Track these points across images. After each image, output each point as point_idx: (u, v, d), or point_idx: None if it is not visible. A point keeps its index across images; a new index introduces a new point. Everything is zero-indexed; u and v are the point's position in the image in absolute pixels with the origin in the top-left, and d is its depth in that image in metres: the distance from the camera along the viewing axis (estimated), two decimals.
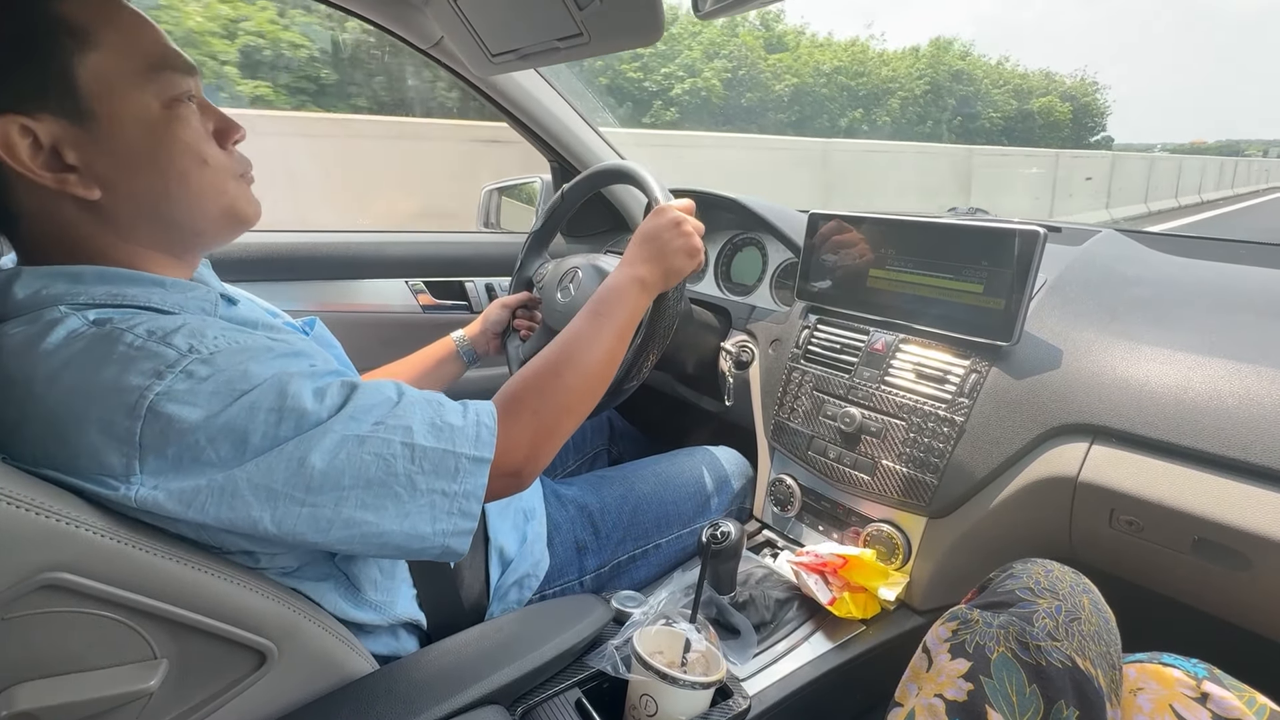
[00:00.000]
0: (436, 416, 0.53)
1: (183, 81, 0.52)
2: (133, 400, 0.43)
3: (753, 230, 1.21)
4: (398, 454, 0.50)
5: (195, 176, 0.53)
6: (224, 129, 0.56)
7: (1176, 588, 0.71)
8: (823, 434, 0.90)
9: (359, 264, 1.28)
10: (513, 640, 0.61)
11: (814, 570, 0.80)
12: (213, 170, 0.54)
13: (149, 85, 0.50)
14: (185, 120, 0.52)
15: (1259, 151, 38.98)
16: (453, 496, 0.53)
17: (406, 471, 0.50)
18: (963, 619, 0.51)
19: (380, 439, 0.50)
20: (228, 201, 0.56)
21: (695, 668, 0.61)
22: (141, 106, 0.50)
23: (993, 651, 0.47)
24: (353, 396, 0.51)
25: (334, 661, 0.55)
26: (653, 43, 0.73)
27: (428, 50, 1.14)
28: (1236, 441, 0.60)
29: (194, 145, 0.53)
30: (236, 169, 0.57)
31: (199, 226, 0.56)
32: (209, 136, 0.55)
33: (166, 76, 0.51)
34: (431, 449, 0.51)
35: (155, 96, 0.50)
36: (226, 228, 0.58)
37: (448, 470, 0.52)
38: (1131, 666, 0.52)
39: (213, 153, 0.54)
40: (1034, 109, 27.94)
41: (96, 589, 0.42)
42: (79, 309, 0.47)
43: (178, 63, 0.52)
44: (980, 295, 0.76)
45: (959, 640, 0.50)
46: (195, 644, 0.47)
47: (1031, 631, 0.48)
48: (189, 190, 0.53)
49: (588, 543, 0.83)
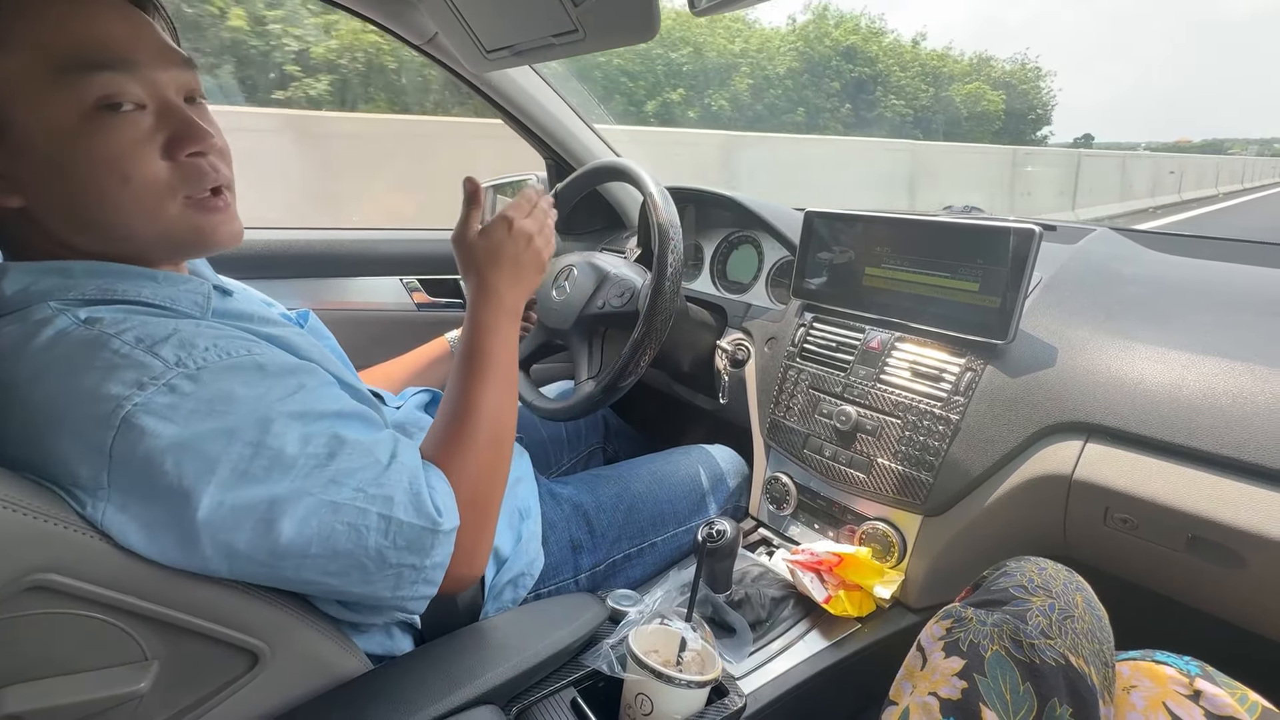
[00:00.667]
0: (419, 485, 0.52)
1: (110, 82, 0.46)
2: (109, 410, 0.42)
3: (749, 228, 1.20)
4: (372, 526, 0.48)
5: (114, 196, 0.47)
6: (176, 138, 0.49)
7: (1171, 586, 0.71)
8: (818, 432, 0.90)
9: (353, 261, 1.28)
10: (507, 639, 0.61)
11: (809, 568, 0.80)
12: (136, 189, 0.47)
13: (60, 89, 0.44)
14: (103, 132, 0.46)
15: (1242, 149, 38.65)
16: (421, 569, 0.52)
17: (378, 546, 0.49)
18: (957, 617, 0.51)
19: (357, 508, 0.48)
20: (162, 226, 0.49)
21: (691, 666, 0.61)
22: (50, 114, 0.45)
23: (986, 650, 0.47)
24: (339, 453, 0.48)
25: (327, 661, 0.55)
26: (648, 39, 0.73)
27: (422, 46, 1.14)
28: (1231, 440, 0.60)
29: (113, 161, 0.46)
30: (180, 188, 0.49)
31: (136, 246, 0.50)
32: (151, 149, 0.48)
33: (85, 78, 0.45)
34: (409, 525, 0.50)
35: (68, 102, 0.45)
36: (170, 251, 0.52)
37: (422, 546, 0.51)
38: (1125, 664, 0.52)
39: (142, 170, 0.47)
40: (955, 96, 23.23)
41: (86, 590, 0.42)
42: (69, 306, 0.47)
43: (107, 58, 0.46)
44: (976, 293, 0.76)
45: (953, 638, 0.50)
46: (186, 645, 0.47)
47: (1025, 630, 0.48)
48: (109, 209, 0.48)
49: (583, 541, 0.82)
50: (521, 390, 0.99)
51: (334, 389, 0.54)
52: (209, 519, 0.44)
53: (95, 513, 0.43)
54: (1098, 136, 30.83)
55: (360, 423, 0.53)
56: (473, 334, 0.67)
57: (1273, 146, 48.05)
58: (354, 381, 0.61)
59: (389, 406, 0.81)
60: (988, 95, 24.03)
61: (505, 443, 0.64)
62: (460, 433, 0.60)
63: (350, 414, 0.52)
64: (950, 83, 23.44)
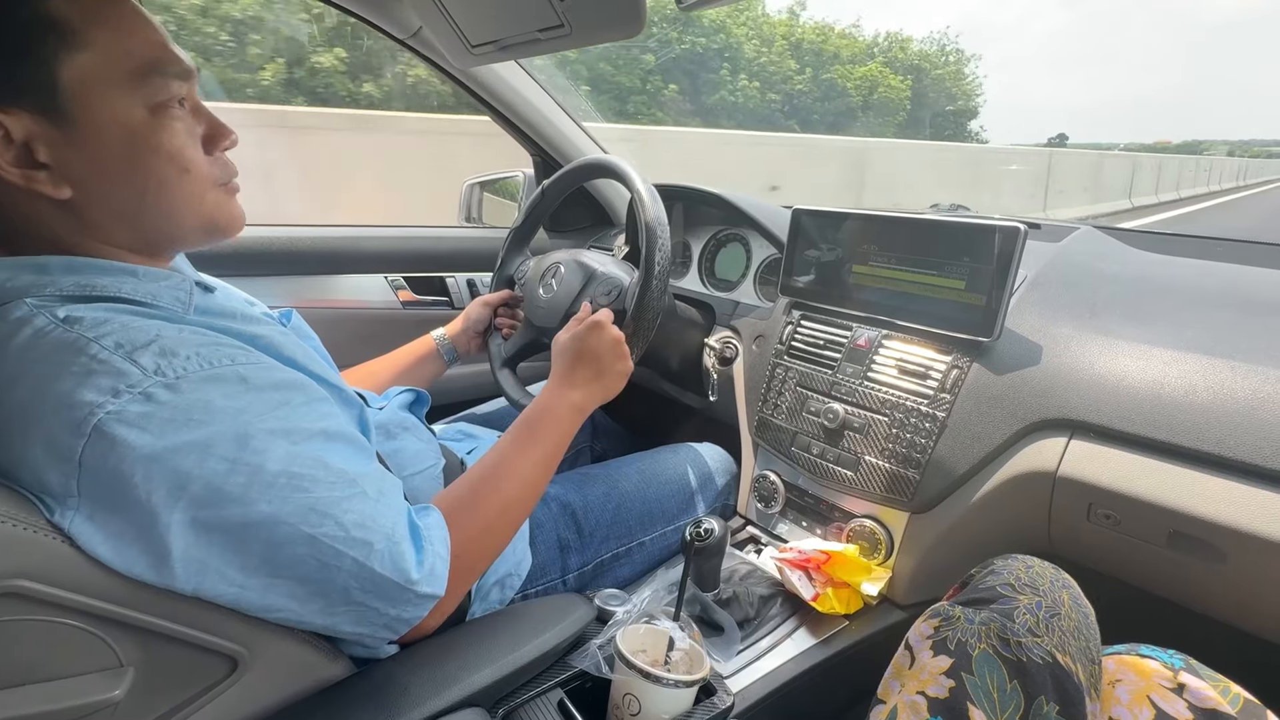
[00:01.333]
0: (401, 535, 0.51)
1: (174, 85, 0.50)
2: (81, 416, 0.41)
3: (736, 226, 1.20)
4: (345, 568, 0.48)
5: (174, 185, 0.51)
6: (213, 134, 0.54)
7: (1154, 581, 0.72)
8: (806, 430, 0.90)
9: (337, 259, 1.26)
10: (494, 641, 0.60)
11: (797, 566, 0.80)
12: (193, 179, 0.52)
13: (136, 90, 0.48)
14: (170, 126, 0.50)
15: (1223, 151, 38.16)
16: (385, 615, 0.52)
17: (345, 585, 0.48)
18: (944, 616, 0.52)
19: (333, 549, 0.47)
20: (206, 212, 0.54)
21: (679, 666, 0.60)
22: (125, 111, 0.48)
23: (974, 648, 0.48)
24: (321, 480, 0.47)
25: (309, 665, 0.54)
26: (635, 34, 0.72)
27: (406, 41, 1.12)
28: (1211, 436, 0.61)
29: (177, 153, 0.50)
30: (219, 177, 0.55)
31: (173, 234, 0.54)
32: (196, 142, 0.53)
33: (157, 81, 0.49)
34: (382, 577, 0.50)
35: (141, 101, 0.48)
36: (203, 237, 0.56)
37: (390, 598, 0.51)
38: (1110, 658, 0.53)
39: (196, 160, 0.52)
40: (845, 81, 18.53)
41: (59, 596, 0.41)
42: (46, 303, 0.45)
43: (172, 66, 0.50)
44: (962, 291, 0.77)
45: (941, 637, 0.50)
46: (163, 650, 0.46)
47: (1012, 628, 0.48)
48: (165, 198, 0.51)
49: (571, 541, 0.82)
50: (507, 388, 0.99)
51: (322, 405, 0.53)
52: (179, 535, 0.43)
53: (63, 521, 0.42)
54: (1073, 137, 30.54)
55: (348, 448, 0.52)
56: (535, 410, 0.72)
57: (1245, 148, 48.41)
58: (337, 382, 0.60)
59: (372, 407, 0.80)
60: (889, 80, 19.33)
61: (515, 515, 0.65)
62: (483, 487, 0.63)
63: (337, 435, 0.51)
64: (834, 63, 18.68)
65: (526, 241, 1.07)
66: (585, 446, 1.16)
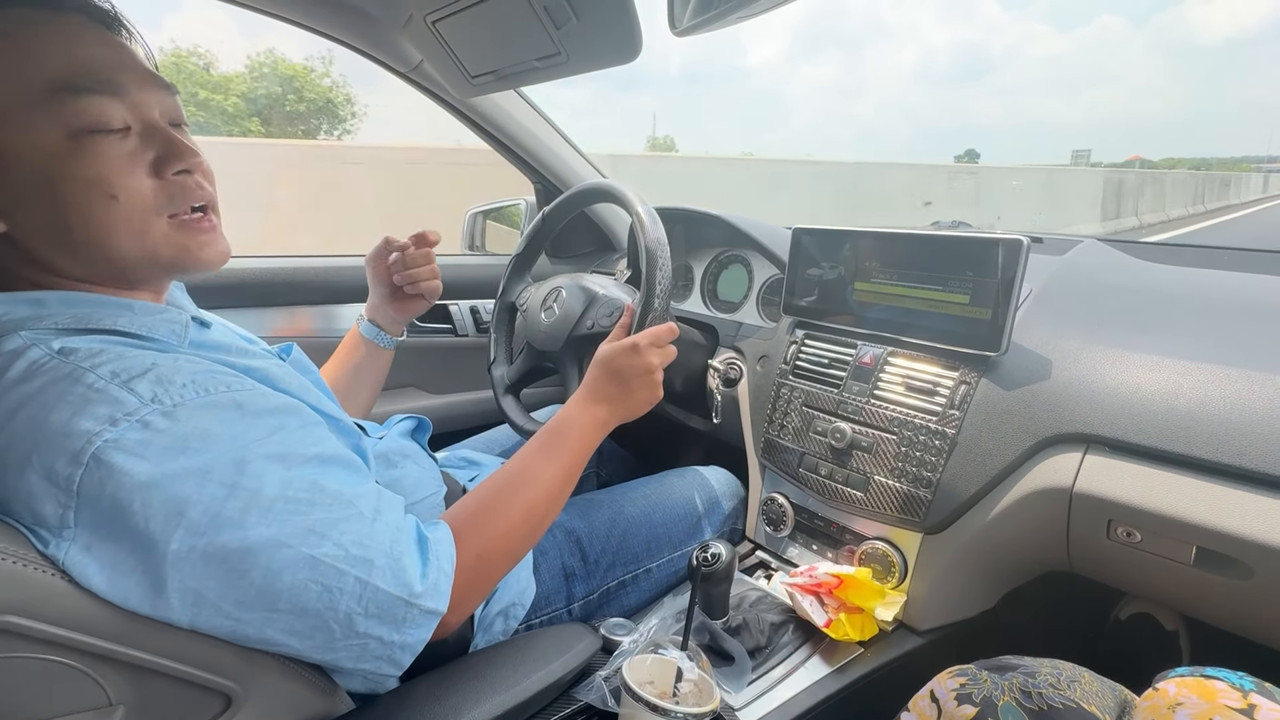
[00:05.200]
0: (403, 550, 0.50)
1: (97, 105, 0.46)
2: (78, 446, 0.41)
3: (738, 247, 1.20)
4: (347, 589, 0.46)
5: (99, 214, 0.47)
6: (164, 156, 0.49)
7: (1178, 599, 0.69)
8: (813, 450, 0.88)
9: (338, 289, 1.27)
10: (496, 674, 0.58)
11: (809, 591, 0.78)
12: (124, 207, 0.48)
13: (46, 112, 0.45)
14: (92, 151, 0.46)
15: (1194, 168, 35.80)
16: (389, 645, 0.50)
17: (348, 610, 0.47)
18: (971, 676, 0.52)
19: (335, 569, 0.46)
20: (148, 244, 0.50)
21: (688, 698, 0.58)
22: (35, 136, 0.45)
23: (999, 699, 0.48)
24: (319, 502, 0.47)
25: (305, 701, 0.52)
26: (630, 60, 0.73)
27: (407, 74, 1.14)
28: (1231, 448, 0.59)
29: (100, 179, 0.47)
30: (166, 206, 0.50)
31: (120, 266, 0.50)
32: (138, 167, 0.48)
33: (73, 101, 0.45)
34: (385, 594, 0.48)
35: (55, 125, 0.45)
36: (155, 271, 0.52)
37: (394, 618, 0.49)
38: (1171, 681, 0.50)
39: (129, 187, 0.48)
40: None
41: (47, 632, 0.40)
42: (42, 335, 0.45)
43: (94, 83, 0.46)
44: (966, 306, 0.76)
45: (966, 691, 0.50)
46: (154, 688, 0.44)
47: (1034, 683, 0.48)
48: (93, 228, 0.47)
49: (575, 569, 0.80)
50: (513, 415, 0.98)
51: (317, 430, 0.52)
52: (177, 564, 0.42)
53: (58, 552, 0.41)
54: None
55: (343, 470, 0.51)
56: (560, 419, 0.70)
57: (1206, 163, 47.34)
58: (335, 413, 0.60)
59: (371, 437, 0.79)
60: None
61: (538, 521, 0.63)
62: (507, 490, 0.62)
63: (332, 459, 0.51)
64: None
65: (528, 267, 1.08)
66: (591, 472, 1.14)
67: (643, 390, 0.74)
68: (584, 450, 0.69)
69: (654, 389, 0.76)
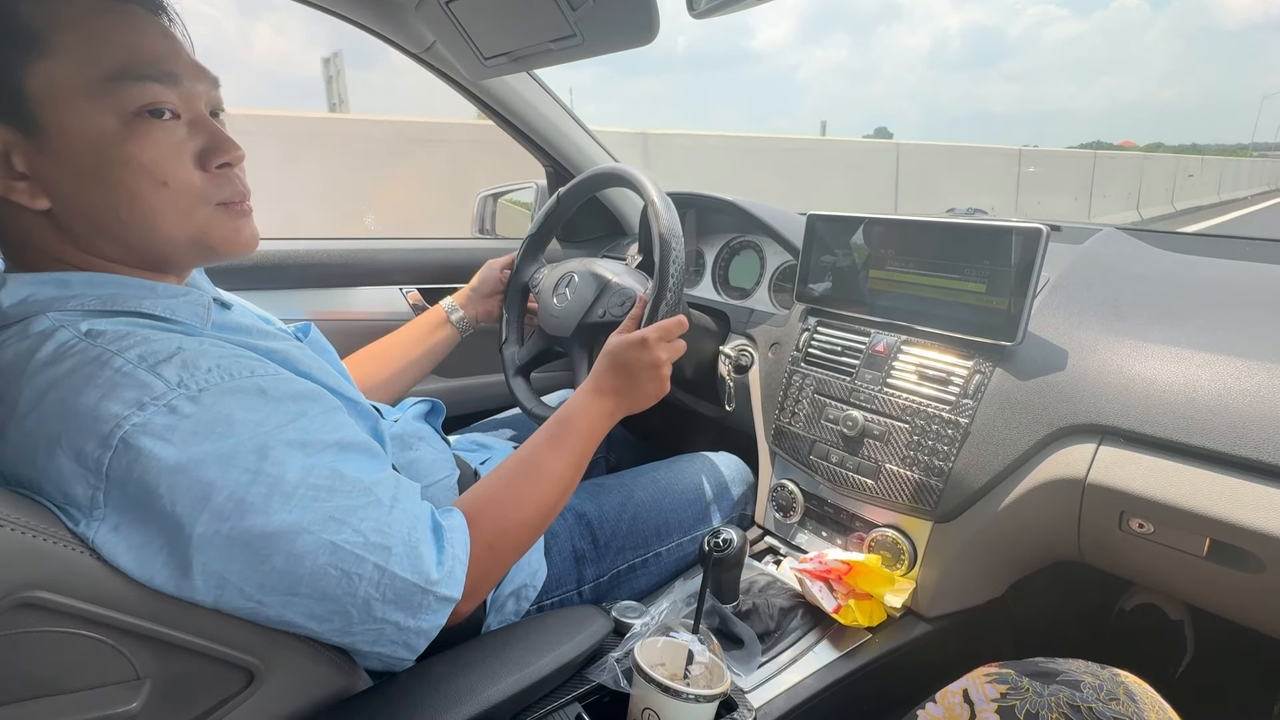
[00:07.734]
0: (420, 537, 0.51)
1: (152, 91, 0.47)
2: (108, 429, 0.42)
3: (750, 233, 1.20)
4: (366, 575, 0.48)
5: (149, 199, 0.48)
6: (210, 149, 0.51)
7: (1187, 591, 0.70)
8: (824, 438, 0.88)
9: (352, 271, 1.27)
10: (509, 654, 0.59)
11: (818, 577, 0.78)
12: (173, 194, 0.49)
13: (106, 97, 0.46)
14: (146, 137, 0.47)
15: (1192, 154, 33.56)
16: (405, 631, 0.51)
17: (366, 596, 0.48)
18: (1012, 684, 0.49)
19: (354, 555, 0.47)
20: (194, 229, 0.51)
21: (698, 680, 0.59)
22: (93, 120, 0.46)
23: (1046, 718, 0.46)
24: (339, 489, 0.48)
25: (325, 678, 0.53)
26: (648, 42, 0.72)
27: (420, 55, 1.13)
28: (1249, 440, 0.59)
29: (152, 166, 0.48)
30: (214, 195, 0.51)
31: (161, 249, 0.51)
32: (185, 157, 0.50)
33: (132, 88, 0.47)
34: (403, 580, 0.49)
35: (112, 110, 0.46)
36: (197, 255, 0.53)
37: (411, 604, 0.50)
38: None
39: (179, 175, 0.49)
40: None
41: (77, 607, 0.41)
42: (69, 317, 0.46)
43: (154, 71, 0.48)
44: (983, 295, 0.75)
45: (1009, 704, 0.48)
46: (179, 663, 0.45)
47: (1081, 696, 0.46)
48: (141, 212, 0.49)
49: (586, 552, 0.81)
50: (522, 398, 0.98)
51: (338, 415, 0.53)
52: (202, 547, 0.43)
53: (88, 531, 0.42)
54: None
55: (362, 457, 0.52)
56: (568, 410, 0.71)
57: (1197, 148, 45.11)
58: (353, 395, 0.60)
59: (387, 420, 0.80)
60: None
61: (548, 507, 0.65)
62: (518, 478, 0.64)
63: (352, 445, 0.51)
64: None
65: (541, 249, 1.07)
66: (600, 458, 1.15)
67: (649, 384, 0.75)
68: (591, 441, 0.70)
69: (661, 383, 0.76)
